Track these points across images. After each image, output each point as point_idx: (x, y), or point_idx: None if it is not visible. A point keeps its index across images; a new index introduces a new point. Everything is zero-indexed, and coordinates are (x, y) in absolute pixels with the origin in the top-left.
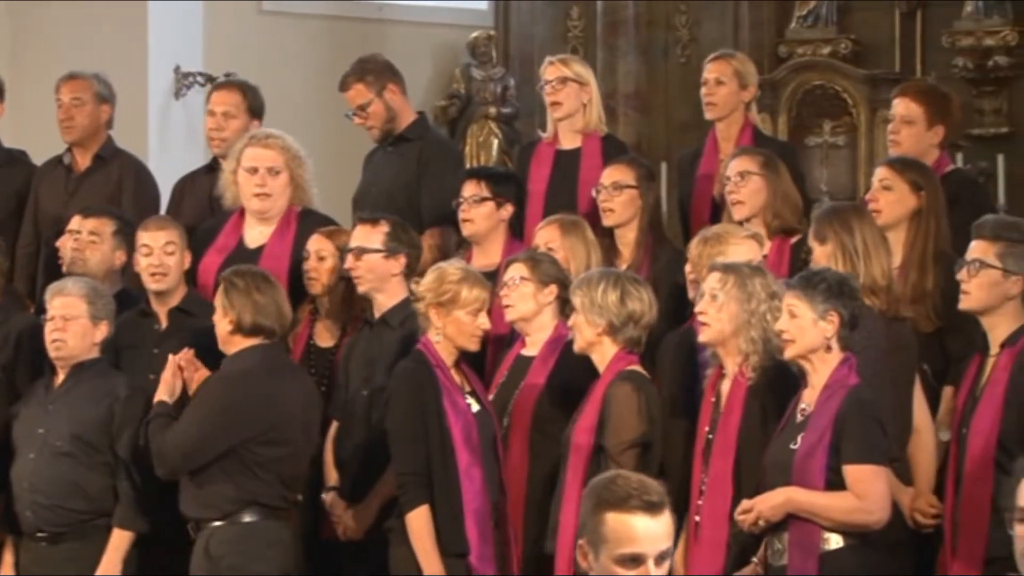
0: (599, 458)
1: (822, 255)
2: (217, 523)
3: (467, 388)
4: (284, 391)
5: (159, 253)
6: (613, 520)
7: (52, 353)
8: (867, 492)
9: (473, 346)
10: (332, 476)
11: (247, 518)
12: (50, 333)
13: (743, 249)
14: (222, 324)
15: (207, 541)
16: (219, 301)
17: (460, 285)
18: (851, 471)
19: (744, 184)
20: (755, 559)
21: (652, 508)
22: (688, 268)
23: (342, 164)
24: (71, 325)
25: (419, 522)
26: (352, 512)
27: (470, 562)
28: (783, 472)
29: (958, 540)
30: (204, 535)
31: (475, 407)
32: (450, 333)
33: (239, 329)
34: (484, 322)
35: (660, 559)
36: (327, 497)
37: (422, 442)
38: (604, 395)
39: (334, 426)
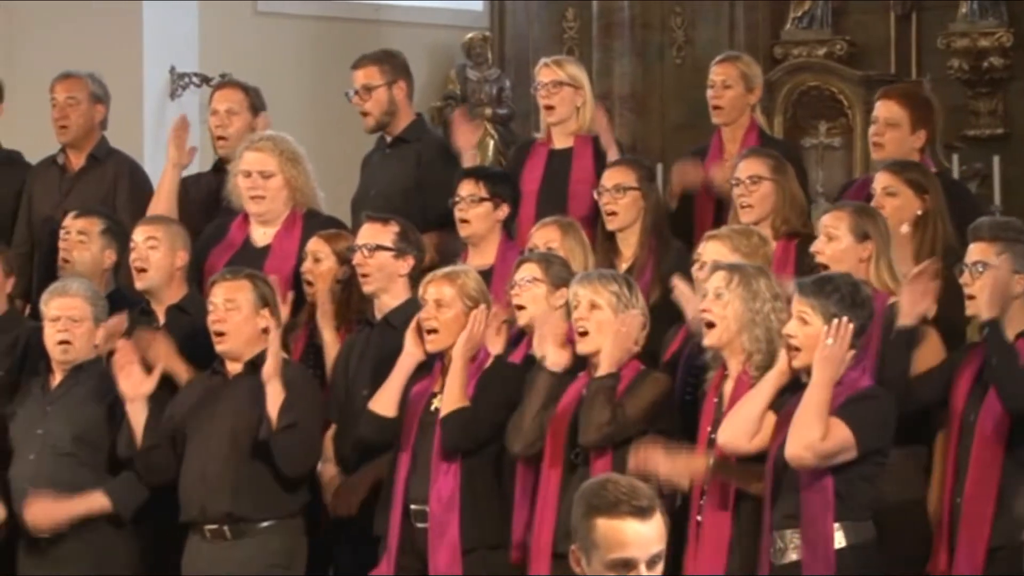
0: None
1: (858, 251)
2: (267, 523)
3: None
4: None
5: (141, 247)
6: (603, 526)
7: (58, 356)
8: (830, 437)
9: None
10: (329, 471)
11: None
12: (55, 334)
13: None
14: (254, 322)
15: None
16: (252, 298)
17: None
18: (834, 420)
19: (755, 188)
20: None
21: (642, 513)
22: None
23: (337, 165)
24: (77, 328)
25: None
26: (345, 483)
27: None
28: (784, 470)
29: (960, 526)
30: (258, 534)
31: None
32: None
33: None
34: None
35: (652, 563)
36: (324, 468)
37: None
38: None
39: (332, 427)
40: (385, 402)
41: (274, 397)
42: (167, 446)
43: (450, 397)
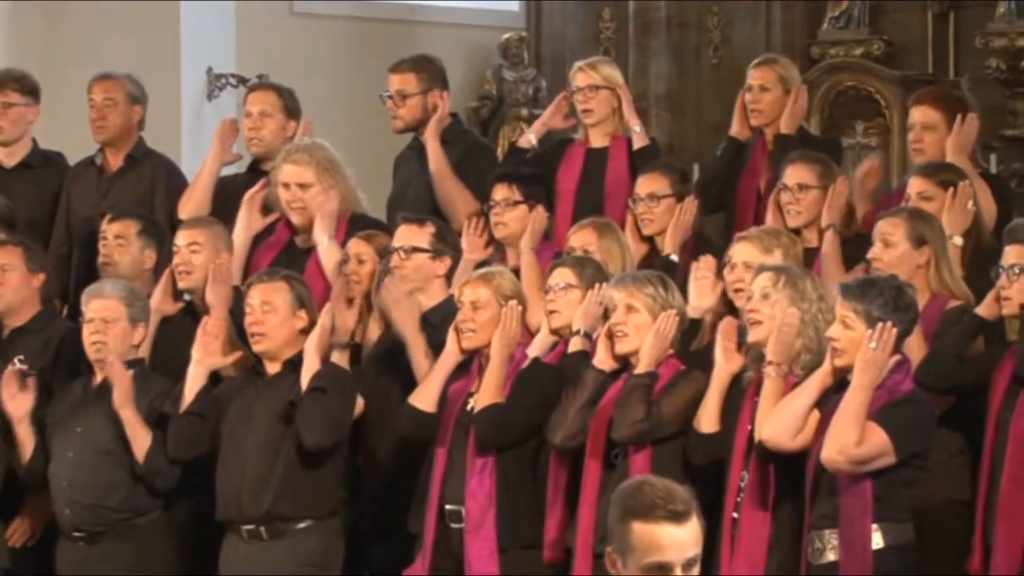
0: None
1: (915, 256)
2: (304, 523)
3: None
4: None
5: (184, 251)
6: (639, 530)
7: (92, 355)
8: (866, 443)
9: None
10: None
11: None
12: (90, 335)
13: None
14: (291, 323)
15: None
16: (289, 299)
17: None
18: (871, 425)
19: (802, 196)
20: None
21: (678, 517)
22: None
23: (373, 165)
24: (111, 328)
25: None
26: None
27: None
28: (823, 470)
29: (996, 524)
30: (294, 534)
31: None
32: None
33: (309, 329)
34: None
35: (687, 566)
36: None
37: None
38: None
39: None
40: (425, 397)
41: (310, 366)
42: (209, 420)
43: (485, 393)
